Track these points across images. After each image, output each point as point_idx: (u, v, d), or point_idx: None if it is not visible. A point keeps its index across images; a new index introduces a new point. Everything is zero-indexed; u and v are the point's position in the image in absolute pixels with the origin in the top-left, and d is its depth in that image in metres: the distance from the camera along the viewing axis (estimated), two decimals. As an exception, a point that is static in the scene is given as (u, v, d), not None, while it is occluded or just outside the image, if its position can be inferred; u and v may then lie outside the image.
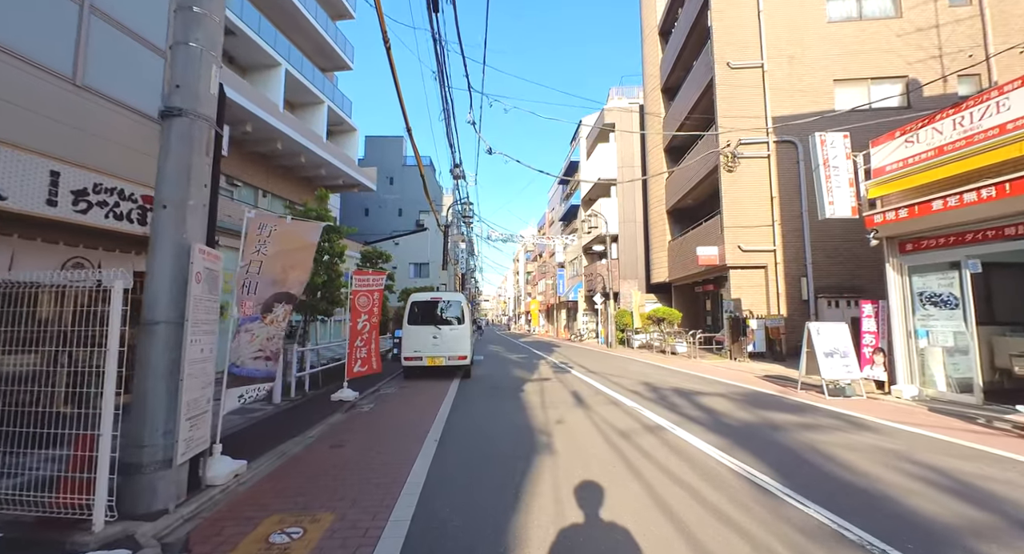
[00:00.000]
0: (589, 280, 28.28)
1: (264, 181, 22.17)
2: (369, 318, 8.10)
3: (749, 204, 14.26)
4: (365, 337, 8.05)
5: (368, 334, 8.10)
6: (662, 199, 21.62)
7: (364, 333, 8.04)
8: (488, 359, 15.33)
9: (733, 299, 13.94)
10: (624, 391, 8.19)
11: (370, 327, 8.12)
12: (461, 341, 10.20)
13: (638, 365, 12.85)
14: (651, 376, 10.31)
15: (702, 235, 16.13)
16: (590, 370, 11.56)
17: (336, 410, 6.76)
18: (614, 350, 19.16)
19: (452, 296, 10.67)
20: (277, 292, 4.45)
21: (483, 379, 10.21)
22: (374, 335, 8.21)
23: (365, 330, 8.05)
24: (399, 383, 9.79)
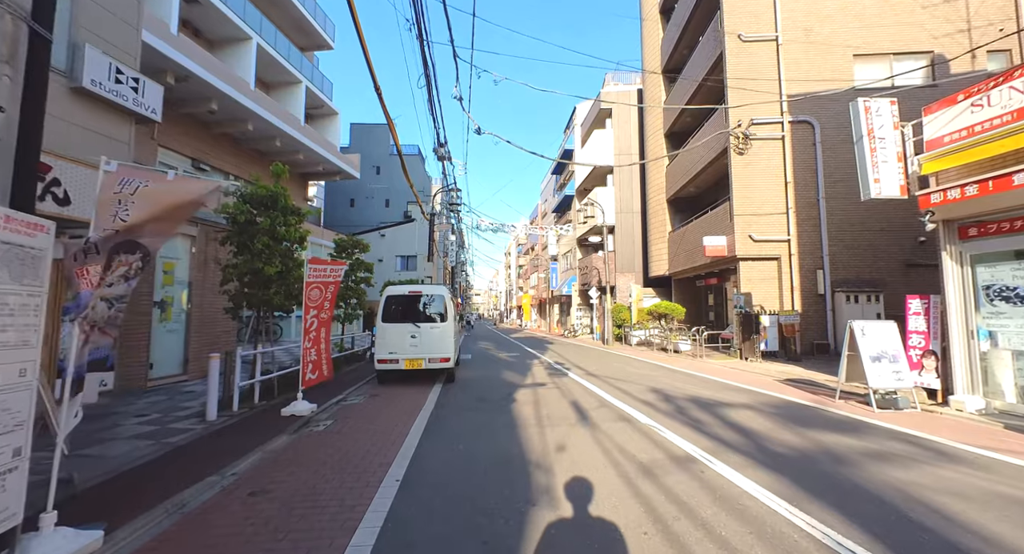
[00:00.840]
0: (583, 273, 27.11)
1: (235, 166, 20.52)
2: (318, 314, 6.75)
3: (761, 190, 13.09)
4: (313, 336, 6.71)
5: (316, 333, 6.76)
6: (662, 188, 20.42)
7: (312, 332, 6.70)
8: (476, 359, 14.06)
9: (743, 293, 12.80)
10: (634, 401, 6.96)
11: (318, 324, 6.77)
12: (444, 341, 8.91)
13: (641, 366, 11.66)
14: (659, 380, 9.11)
15: (708, 224, 14.96)
16: (589, 373, 10.34)
17: (283, 430, 5.44)
18: (611, 348, 18.01)
19: (434, 289, 9.36)
20: (122, 242, 2.97)
21: (469, 384, 8.93)
22: (324, 334, 6.87)
23: (313, 328, 6.70)
24: (371, 389, 8.47)
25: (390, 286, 9.42)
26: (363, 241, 13.08)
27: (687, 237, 17.28)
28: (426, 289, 9.27)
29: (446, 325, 9.01)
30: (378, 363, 8.70)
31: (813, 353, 12.29)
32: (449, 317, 9.13)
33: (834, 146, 12.84)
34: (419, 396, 7.69)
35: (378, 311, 8.98)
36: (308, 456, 4.51)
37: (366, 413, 6.44)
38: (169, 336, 8.81)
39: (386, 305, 8.97)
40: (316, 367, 6.76)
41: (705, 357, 12.98)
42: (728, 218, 13.46)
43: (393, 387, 8.69)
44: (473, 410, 6.52)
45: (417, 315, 9.14)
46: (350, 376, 10.09)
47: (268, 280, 7.45)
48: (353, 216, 39.60)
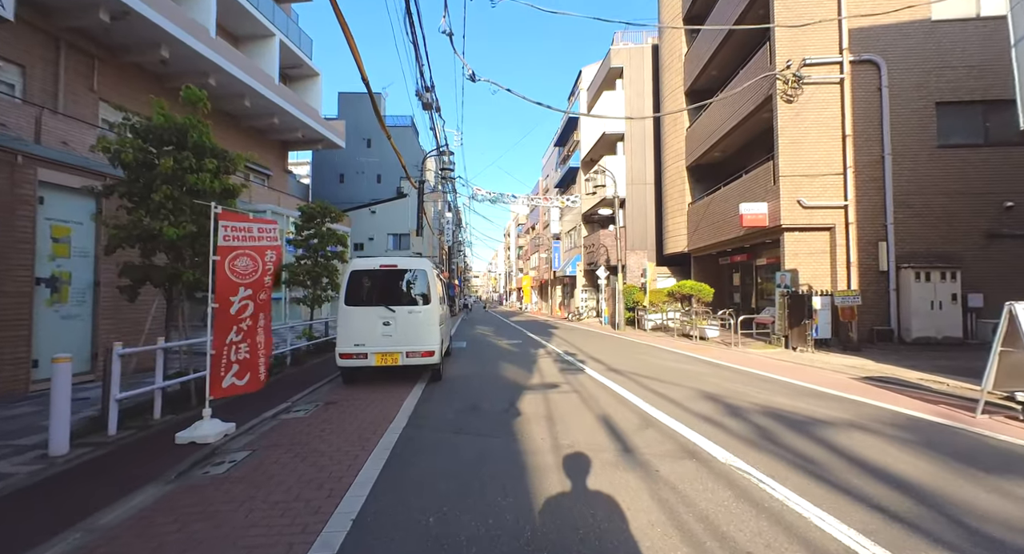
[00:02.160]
0: (589, 252, 25.00)
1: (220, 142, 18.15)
2: (254, 294, 4.68)
3: (813, 146, 10.88)
4: (246, 326, 4.65)
5: (252, 322, 4.70)
6: (680, 154, 18.13)
7: (245, 320, 4.63)
8: (472, 347, 12.08)
9: (788, 270, 10.75)
10: (689, 417, 4.96)
11: (255, 309, 4.70)
12: (427, 329, 6.89)
13: (668, 357, 9.68)
14: (704, 379, 7.12)
15: (744, 190, 12.78)
16: (610, 367, 8.35)
17: (156, 475, 3.45)
18: (624, 333, 16.04)
19: (414, 262, 7.27)
20: None
21: (459, 386, 6.93)
22: (262, 324, 4.80)
23: (246, 315, 4.64)
24: (329, 393, 6.48)
25: (356, 259, 7.31)
26: (334, 208, 10.91)
27: (712, 208, 15.11)
28: (403, 262, 7.17)
29: (429, 309, 6.97)
30: (340, 358, 6.68)
31: (873, 341, 10.31)
32: (434, 299, 7.07)
33: (905, 91, 10.59)
34: (390, 404, 5.69)
35: (340, 290, 6.91)
36: (159, 540, 2.50)
37: (304, 438, 4.43)
38: (66, 324, 6.75)
39: (351, 283, 6.90)
40: (245, 370, 4.72)
41: (741, 345, 11.00)
42: (771, 180, 11.29)
43: (360, 389, 6.69)
44: (461, 432, 4.51)
45: (392, 296, 7.08)
46: (313, 372, 8.10)
47: (174, 247, 5.36)
48: (343, 192, 37.21)
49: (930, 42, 10.57)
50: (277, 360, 8.64)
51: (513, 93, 11.52)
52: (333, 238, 10.73)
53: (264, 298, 4.81)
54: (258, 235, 4.69)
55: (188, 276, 5.32)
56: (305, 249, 10.54)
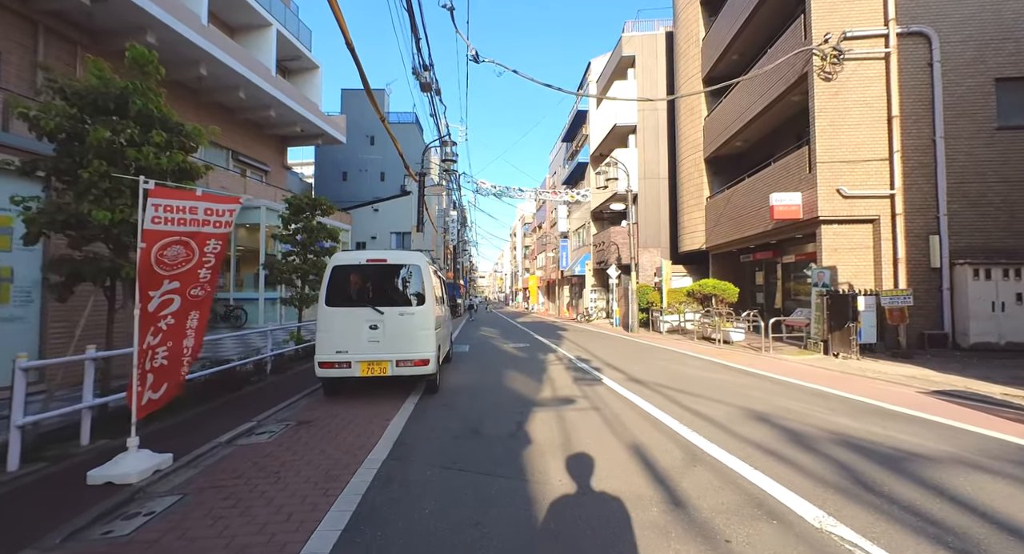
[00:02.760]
0: (599, 250, 23.95)
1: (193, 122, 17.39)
2: (183, 288, 3.73)
3: (854, 128, 9.79)
4: (167, 326, 3.70)
5: (177, 321, 3.75)
6: (698, 145, 17.05)
7: (166, 318, 3.69)
8: (476, 351, 11.11)
9: (826, 267, 9.66)
10: (739, 444, 3.95)
11: (182, 305, 3.75)
12: (421, 334, 5.93)
13: (694, 364, 8.64)
14: (745, 392, 6.08)
15: (772, 180, 11.68)
16: (631, 376, 7.33)
17: (48, 531, 2.51)
18: (638, 335, 15.00)
19: (407, 257, 6.30)
20: None
21: (458, 400, 5.95)
22: (193, 325, 3.86)
23: (167, 312, 3.69)
24: (306, 408, 5.53)
25: (338, 253, 6.35)
26: (324, 200, 9.99)
27: (734, 201, 14.02)
28: (393, 256, 6.21)
29: (424, 310, 6.00)
30: (319, 367, 5.74)
31: (924, 347, 9.18)
32: (429, 298, 6.10)
33: (960, 66, 9.47)
34: (374, 425, 4.73)
35: (321, 289, 5.97)
36: None
37: (256, 476, 3.46)
38: (6, 328, 5.87)
39: (332, 280, 5.96)
40: (162, 379, 3.77)
41: (773, 351, 9.93)
42: (806, 168, 10.19)
43: (341, 403, 5.74)
44: (456, 468, 3.52)
45: (380, 295, 6.13)
46: (294, 381, 7.17)
47: (111, 236, 4.44)
48: (346, 190, 36.52)
49: (988, 11, 9.44)
50: (256, 367, 7.74)
51: (519, 74, 10.57)
52: (323, 233, 9.82)
53: (198, 295, 3.86)
54: (203, 218, 3.74)
55: (128, 271, 4.40)
56: (292, 245, 9.66)
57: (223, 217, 3.84)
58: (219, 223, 3.83)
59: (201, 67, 15.33)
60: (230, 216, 3.90)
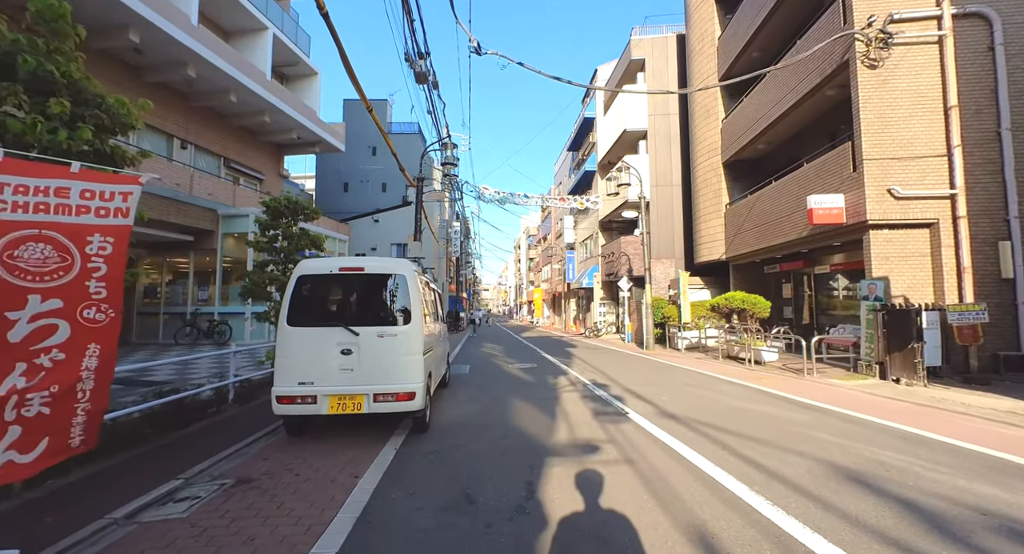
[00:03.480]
0: (608, 262, 22.78)
1: (182, 127, 16.48)
2: (67, 308, 2.58)
3: (905, 121, 8.66)
4: (52, 363, 2.55)
5: (69, 356, 2.60)
6: (715, 148, 15.98)
7: (48, 353, 2.54)
8: (476, 373, 9.88)
9: (878, 278, 8.42)
10: (855, 531, 2.70)
11: (72, 335, 2.60)
12: (405, 361, 4.76)
13: (732, 392, 7.37)
14: (812, 435, 4.82)
15: (805, 181, 10.52)
16: (661, 409, 6.07)
17: None
18: (654, 353, 13.71)
19: (388, 265, 5.15)
20: None
21: (451, 445, 4.72)
22: (91, 363, 2.70)
23: (49, 343, 2.54)
24: (258, 458, 4.30)
25: (305, 260, 5.21)
26: (308, 203, 8.91)
27: (759, 207, 12.86)
28: (373, 264, 5.06)
29: (410, 331, 4.83)
30: (277, 403, 4.56)
31: (1000, 370, 7.88)
32: (417, 316, 4.93)
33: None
34: (337, 485, 3.53)
35: (282, 304, 4.82)
36: None
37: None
38: None
39: (296, 293, 4.81)
40: (39, 433, 2.60)
41: (817, 374, 8.64)
42: (849, 166, 9.04)
43: (303, 448, 4.53)
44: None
45: (356, 312, 5.00)
46: (257, 415, 5.96)
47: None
48: (347, 202, 35.79)
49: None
50: (218, 395, 6.57)
51: (525, 66, 9.62)
52: (305, 240, 8.74)
53: (97, 320, 2.71)
54: (79, 204, 2.61)
55: None
56: (270, 253, 8.58)
57: (112, 202, 2.71)
58: (105, 211, 2.69)
59: (189, 68, 14.52)
60: (124, 201, 2.77)
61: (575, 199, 16.55)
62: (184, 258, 15.77)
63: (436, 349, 6.43)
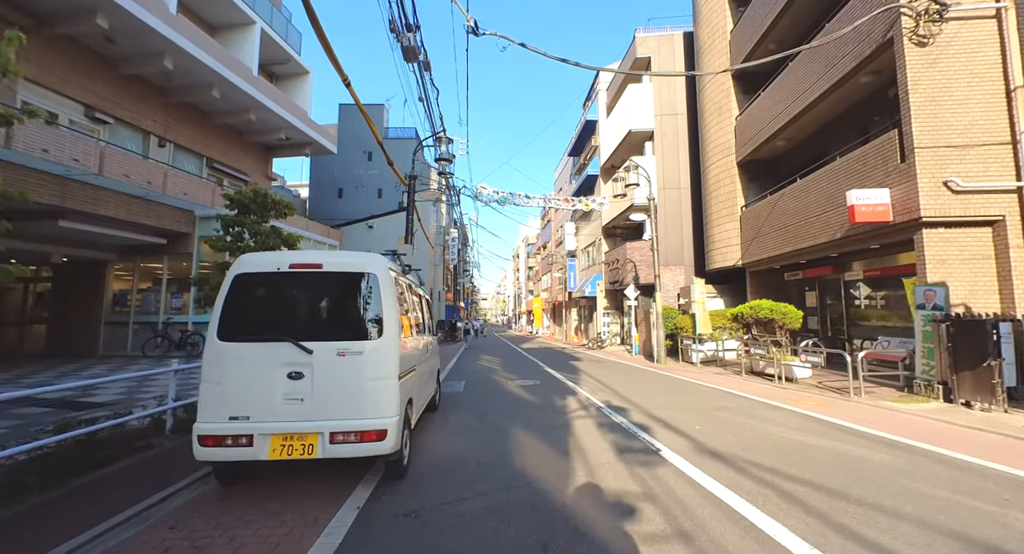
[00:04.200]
0: (612, 269, 21.68)
1: (161, 124, 15.38)
2: None
3: (960, 105, 7.62)
4: None
5: None
6: (728, 147, 14.99)
7: None
8: (472, 392, 8.67)
9: (935, 283, 7.30)
10: None
11: None
12: (374, 386, 3.58)
13: (774, 418, 6.18)
14: (926, 491, 3.62)
15: (839, 177, 9.45)
16: (701, 445, 4.87)
17: None
18: (667, 368, 12.52)
19: (354, 261, 3.97)
20: None
21: (435, 502, 3.48)
22: None
23: None
24: (155, 528, 3.06)
25: (246, 255, 4.02)
26: (281, 197, 7.78)
27: (782, 208, 11.80)
28: (334, 261, 3.90)
29: (381, 347, 3.67)
30: (199, 444, 3.37)
31: (1087, 392, 6.71)
32: (392, 327, 3.76)
33: (1098, 24, 7.35)
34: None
35: (213, 312, 3.66)
36: None
37: None
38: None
39: (232, 298, 3.65)
40: None
41: (865, 395, 7.46)
42: (896, 157, 7.97)
43: (233, 504, 3.30)
44: None
45: (309, 324, 3.82)
46: (184, 452, 4.74)
47: None
48: (341, 208, 34.76)
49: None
50: (155, 422, 5.38)
51: (528, 48, 8.59)
52: (276, 240, 7.59)
53: None
54: None
55: None
56: (235, 254, 7.42)
57: None
58: None
59: (166, 60, 13.51)
60: None
61: (580, 200, 15.50)
62: (158, 263, 14.58)
63: (422, 368, 5.24)
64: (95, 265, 14.14)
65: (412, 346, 4.65)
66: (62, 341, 14.20)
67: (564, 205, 15.13)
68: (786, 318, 9.40)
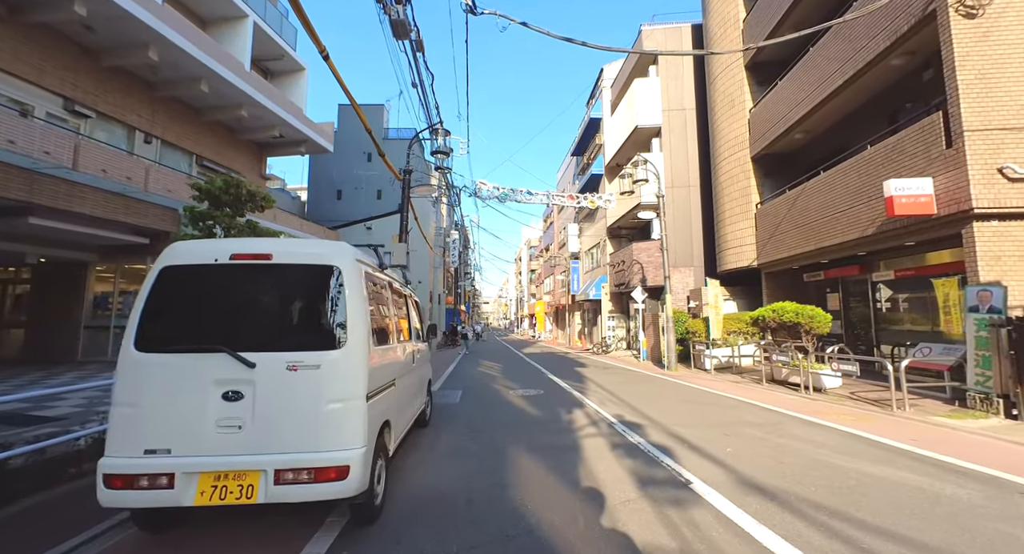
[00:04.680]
0: (618, 271, 20.88)
1: (147, 119, 14.67)
2: None
3: (1016, 83, 6.81)
4: None
5: None
6: (742, 142, 14.20)
7: None
8: (469, 403, 7.86)
9: (990, 283, 6.48)
10: None
11: None
12: (332, 410, 2.77)
13: (822, 440, 5.35)
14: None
15: (874, 166, 8.63)
16: (744, 477, 4.04)
17: None
18: (679, 375, 11.68)
19: (314, 251, 3.19)
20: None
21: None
22: None
23: None
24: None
25: (175, 244, 3.25)
26: (257, 187, 7.03)
27: (804, 204, 10.99)
28: (286, 249, 3.12)
29: (344, 360, 2.87)
30: (105, 486, 2.59)
31: None
32: (358, 335, 2.96)
33: None
34: None
35: (132, 314, 2.89)
36: None
37: None
38: None
39: (155, 296, 2.88)
40: None
41: (909, 408, 6.62)
42: (940, 142, 7.16)
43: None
44: None
45: (251, 330, 3.01)
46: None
47: None
48: (340, 210, 34.13)
49: None
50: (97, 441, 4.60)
51: (529, 27, 7.88)
52: (251, 236, 6.83)
53: None
54: None
55: None
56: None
57: None
58: None
59: (151, 51, 12.84)
60: None
61: (585, 197, 14.71)
62: (142, 264, 13.85)
63: (405, 381, 4.45)
64: (74, 266, 13.42)
65: (390, 356, 3.87)
66: (40, 346, 13.47)
67: (569, 202, 14.36)
68: (813, 322, 8.57)
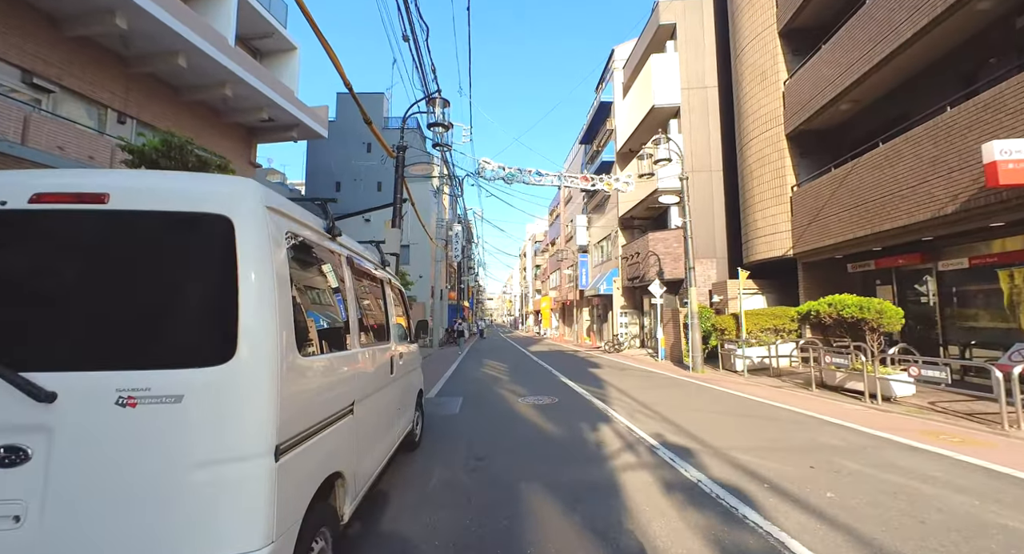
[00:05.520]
0: (631, 264, 19.50)
1: (120, 97, 13.26)
2: None
3: None
4: None
5: None
6: (775, 118, 12.75)
7: None
8: (469, 415, 6.54)
9: None
10: None
11: None
12: (201, 480, 1.41)
13: (964, 482, 4.00)
14: None
15: (960, 131, 7.16)
16: (874, 546, 2.72)
17: None
18: (708, 378, 10.33)
19: (177, 186, 1.77)
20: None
21: None
22: None
23: None
24: None
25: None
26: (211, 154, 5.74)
27: (855, 182, 9.57)
28: (133, 183, 1.79)
29: (231, 381, 1.48)
30: None
31: None
32: (262, 338, 1.59)
33: None
34: None
35: None
36: None
37: None
38: None
39: None
40: None
41: (1019, 427, 5.25)
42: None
43: None
44: None
45: (53, 329, 1.64)
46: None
47: None
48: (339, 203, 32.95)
49: None
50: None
51: None
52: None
53: None
54: None
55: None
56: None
57: None
58: None
59: (117, 18, 11.52)
60: None
61: (600, 179, 13.31)
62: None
63: (381, 399, 3.13)
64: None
65: (343, 369, 2.52)
66: None
67: (583, 184, 12.98)
68: (882, 318, 7.17)
